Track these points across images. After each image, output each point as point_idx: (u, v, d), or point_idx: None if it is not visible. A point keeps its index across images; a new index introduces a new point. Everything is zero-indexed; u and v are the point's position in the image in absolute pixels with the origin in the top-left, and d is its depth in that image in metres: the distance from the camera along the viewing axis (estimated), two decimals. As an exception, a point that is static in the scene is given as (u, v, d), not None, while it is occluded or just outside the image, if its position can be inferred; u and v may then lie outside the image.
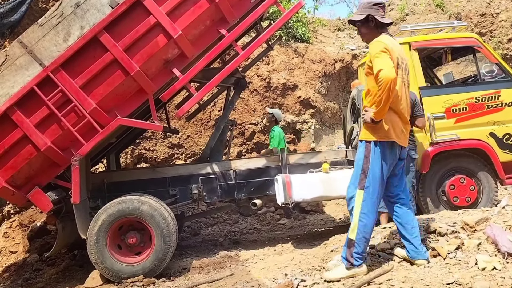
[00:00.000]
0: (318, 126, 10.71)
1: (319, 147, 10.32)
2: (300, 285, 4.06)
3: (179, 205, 6.15)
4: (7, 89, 5.09)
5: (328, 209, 9.11)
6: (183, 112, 5.98)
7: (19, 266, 6.83)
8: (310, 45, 11.67)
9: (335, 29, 14.18)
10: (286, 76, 10.48)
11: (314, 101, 10.61)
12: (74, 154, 5.28)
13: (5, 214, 7.74)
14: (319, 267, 4.52)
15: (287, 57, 10.86)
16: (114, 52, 5.20)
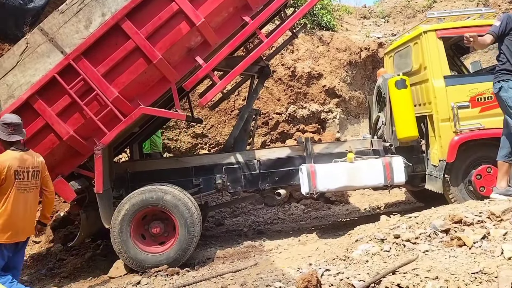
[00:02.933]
0: (343, 116, 10.50)
1: (344, 137, 10.12)
2: (325, 275, 3.96)
3: (203, 195, 6.08)
4: (28, 77, 5.08)
5: (353, 199, 8.94)
6: (206, 101, 5.89)
7: (43, 255, 6.90)
8: (335, 33, 11.42)
9: (360, 17, 13.86)
10: (311, 65, 10.27)
11: (339, 90, 10.38)
12: (97, 143, 5.26)
13: (31, 203, 7.82)
14: (343, 257, 4.41)
15: (312, 45, 10.64)
16: (136, 40, 5.13)
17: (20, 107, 5.00)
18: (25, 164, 4.19)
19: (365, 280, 3.62)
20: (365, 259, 4.19)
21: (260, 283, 4.24)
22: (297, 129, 9.96)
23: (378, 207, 8.29)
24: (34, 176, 4.25)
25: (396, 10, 13.84)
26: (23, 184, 4.15)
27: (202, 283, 4.68)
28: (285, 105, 9.94)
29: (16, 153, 4.20)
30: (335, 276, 3.86)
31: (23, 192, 4.16)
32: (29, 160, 4.25)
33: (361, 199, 8.88)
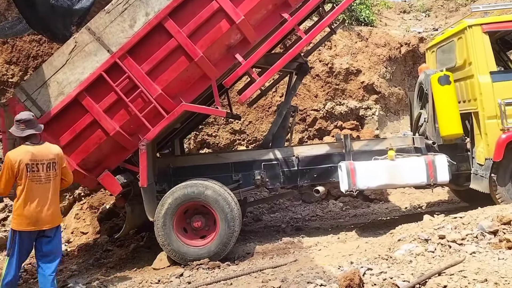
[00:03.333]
0: (383, 112, 10.35)
1: (383, 134, 9.97)
2: (367, 274, 3.95)
3: (242, 190, 6.15)
4: (77, 75, 5.28)
5: (393, 198, 8.80)
6: (245, 97, 5.98)
7: (90, 246, 7.18)
8: (374, 29, 11.25)
9: (400, 11, 13.59)
10: (349, 61, 10.18)
11: (379, 87, 10.24)
12: (141, 138, 5.42)
13: (76, 196, 8.14)
14: (385, 256, 4.39)
15: (350, 41, 10.54)
16: (178, 38, 5.25)
17: (69, 103, 5.23)
18: (38, 157, 4.33)
19: (410, 281, 3.59)
20: (409, 259, 4.15)
21: (301, 279, 4.28)
22: (334, 126, 9.89)
23: (419, 206, 8.14)
24: (49, 168, 4.38)
25: (438, 4, 13.49)
26: (37, 176, 4.30)
27: (243, 277, 4.76)
28: (322, 101, 9.89)
29: (29, 147, 4.36)
30: (378, 276, 3.85)
31: (38, 183, 4.31)
32: (43, 153, 4.38)
33: (401, 197, 8.73)
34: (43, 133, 5.13)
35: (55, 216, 4.45)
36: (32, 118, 4.48)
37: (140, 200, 5.67)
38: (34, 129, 4.40)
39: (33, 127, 4.42)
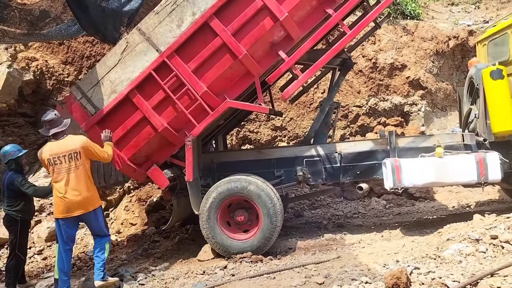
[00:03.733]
0: (429, 108, 10.10)
1: (429, 131, 9.74)
2: (414, 273, 3.93)
3: (284, 186, 6.22)
4: (128, 74, 5.53)
5: (440, 196, 8.59)
6: (288, 94, 6.03)
7: (139, 237, 7.48)
8: (421, 22, 10.98)
9: (448, 4, 13.15)
10: (394, 56, 10.00)
11: (425, 82, 10.00)
12: (187, 134, 5.60)
13: (126, 189, 8.50)
14: (433, 256, 4.33)
15: (395, 35, 10.34)
16: (223, 37, 5.38)
17: (121, 101, 5.48)
18: (58, 151, 4.75)
19: (460, 281, 3.53)
20: (458, 259, 4.09)
21: (345, 276, 4.30)
22: (378, 122, 9.77)
23: (468, 205, 7.91)
24: (71, 159, 4.75)
25: (489, -5, 12.96)
26: (61, 168, 4.74)
27: (285, 272, 4.84)
28: (365, 97, 9.78)
29: (51, 144, 4.83)
30: (426, 275, 3.82)
31: (63, 174, 4.74)
32: (62, 146, 4.78)
33: (448, 196, 8.51)
34: (96, 128, 5.46)
35: (87, 202, 4.81)
36: (54, 118, 4.91)
37: (185, 194, 5.88)
38: (58, 128, 4.86)
39: (56, 126, 4.89)
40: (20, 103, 8.15)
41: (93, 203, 4.91)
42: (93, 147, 4.99)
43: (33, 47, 8.37)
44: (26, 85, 8.10)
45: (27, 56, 8.23)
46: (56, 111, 5.11)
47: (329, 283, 4.24)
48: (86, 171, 4.87)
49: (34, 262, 6.99)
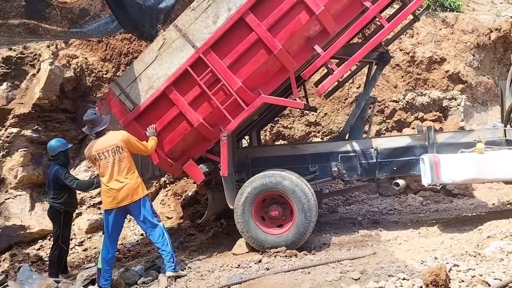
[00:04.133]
0: (469, 103, 9.79)
1: (469, 126, 9.44)
2: (453, 270, 3.84)
3: (319, 182, 6.20)
4: (165, 70, 5.63)
5: (479, 193, 8.34)
6: (323, 89, 5.98)
7: (175, 230, 7.62)
8: (461, 14, 10.63)
9: (490, -5, 12.68)
10: (433, 49, 9.74)
11: (465, 76, 9.70)
12: (223, 130, 5.66)
13: (162, 184, 8.67)
14: (473, 253, 4.22)
15: (433, 28, 10.07)
16: (258, 32, 5.39)
17: (158, 97, 5.59)
18: (101, 147, 5.04)
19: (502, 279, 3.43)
20: (500, 257, 3.98)
21: (381, 272, 4.25)
22: (415, 117, 9.55)
23: (508, 202, 7.63)
24: (114, 153, 5.02)
25: (534, -15, 12.40)
26: (106, 162, 5.02)
27: (320, 267, 4.83)
28: (402, 92, 9.58)
29: (94, 141, 5.14)
30: (465, 272, 3.74)
31: (108, 168, 5.01)
32: (104, 142, 5.06)
33: (488, 193, 8.26)
34: (135, 124, 5.60)
35: (132, 192, 5.04)
36: (94, 117, 5.18)
37: (220, 188, 5.95)
38: (99, 126, 5.16)
39: (98, 125, 5.18)
40: (61, 99, 8.42)
41: (138, 193, 5.12)
42: (133, 140, 5.21)
43: (74, 45, 8.63)
44: (67, 82, 8.36)
45: (68, 54, 8.51)
46: (96, 110, 5.36)
47: (365, 279, 4.20)
48: (129, 163, 5.12)
49: (76, 253, 7.26)
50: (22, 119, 7.96)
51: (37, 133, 8.02)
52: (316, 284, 4.23)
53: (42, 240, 7.63)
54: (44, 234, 7.64)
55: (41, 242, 7.59)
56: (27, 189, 7.95)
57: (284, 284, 4.35)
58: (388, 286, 3.83)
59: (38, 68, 8.21)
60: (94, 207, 8.26)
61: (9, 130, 7.91)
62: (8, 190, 7.87)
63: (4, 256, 7.21)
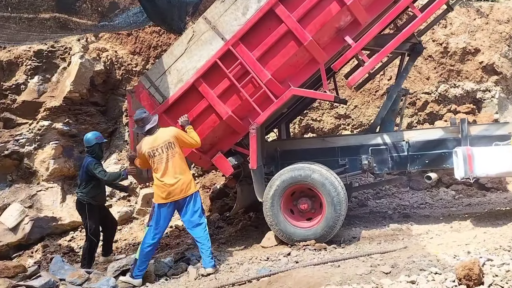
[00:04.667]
0: (504, 95, 9.47)
1: (503, 118, 9.14)
2: (487, 264, 3.74)
3: (349, 175, 6.12)
4: (194, 63, 5.64)
5: (513, 187, 8.11)
6: (354, 81, 5.90)
7: (204, 223, 7.67)
8: (496, 4, 10.26)
9: (527, -18, 12.20)
10: (466, 40, 9.45)
11: (500, 67, 9.38)
12: (252, 123, 5.64)
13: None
14: (508, 248, 4.11)
15: (467, 18, 9.76)
16: (288, 23, 5.34)
17: (187, 90, 5.61)
18: (155, 144, 5.13)
19: (537, 274, 3.33)
20: (535, 251, 3.85)
21: (413, 266, 4.19)
22: (448, 109, 9.31)
23: (544, 196, 7.41)
24: (167, 148, 5.11)
25: None
26: (160, 158, 5.10)
27: (350, 260, 4.78)
28: (435, 84, 9.34)
29: (147, 138, 5.22)
30: (500, 267, 3.64)
31: (162, 163, 5.09)
32: (158, 139, 5.15)
33: (522, 186, 8.02)
34: (164, 116, 5.65)
35: (186, 186, 5.14)
36: (144, 116, 5.25)
37: (249, 181, 5.95)
38: (150, 124, 5.23)
39: (148, 123, 5.25)
40: (92, 92, 8.56)
41: (191, 188, 5.24)
42: (183, 135, 5.32)
43: (103, 38, 8.76)
44: (97, 75, 8.49)
45: (98, 47, 8.64)
46: (145, 109, 5.47)
47: (396, 273, 4.13)
48: (181, 158, 5.23)
49: (107, 244, 7.37)
50: (53, 112, 8.13)
51: (68, 126, 8.19)
52: (346, 278, 4.18)
53: (73, 231, 7.80)
54: (75, 225, 7.80)
55: (72, 234, 7.75)
56: (58, 181, 8.13)
57: (313, 277, 4.31)
58: (420, 280, 3.76)
59: (68, 62, 8.36)
60: (124, 200, 8.39)
61: (40, 123, 8.11)
62: (40, 182, 8.07)
63: (36, 247, 7.38)
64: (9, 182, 8.02)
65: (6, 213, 7.47)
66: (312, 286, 4.08)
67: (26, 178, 8.11)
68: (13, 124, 8.20)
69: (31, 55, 8.25)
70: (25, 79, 8.23)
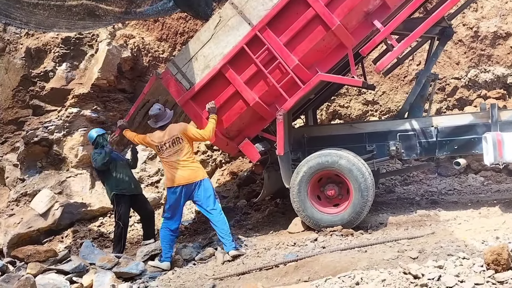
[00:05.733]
0: (536, 80, 9.18)
1: (535, 103, 8.88)
2: (515, 249, 3.68)
3: (376, 161, 6.08)
4: (221, 49, 5.64)
5: (544, 173, 7.90)
6: (382, 66, 5.83)
7: (231, 209, 7.69)
8: (530, -15, 9.90)
9: None
10: (498, 24, 9.15)
11: (532, 51, 9.08)
12: (278, 109, 5.64)
13: (218, 163, 8.81)
14: (537, 233, 4.02)
15: (499, 1, 9.43)
16: (316, 7, 5.28)
17: (214, 76, 5.63)
18: (164, 139, 5.40)
19: None
20: None
21: (440, 251, 4.17)
22: (478, 95, 9.08)
23: None
24: (175, 143, 5.37)
25: None
26: (167, 152, 5.38)
27: (377, 246, 4.78)
28: (465, 69, 9.10)
29: (158, 133, 5.49)
30: (527, 253, 3.58)
31: (170, 156, 5.38)
32: (167, 134, 5.41)
33: (553, 172, 7.80)
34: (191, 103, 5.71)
35: (191, 175, 5.37)
36: (158, 113, 5.50)
37: (276, 168, 5.97)
38: (163, 121, 5.50)
39: (160, 119, 5.51)
40: (119, 79, 8.64)
41: (198, 175, 5.42)
42: (191, 131, 5.48)
43: (130, 25, 8.82)
44: (124, 62, 8.55)
45: (125, 34, 8.71)
46: (160, 105, 5.63)
47: (424, 258, 4.13)
48: (189, 151, 5.43)
49: (135, 230, 7.53)
50: (81, 99, 8.23)
51: (96, 113, 8.30)
52: (373, 263, 4.20)
53: (103, 217, 7.97)
54: (104, 211, 7.96)
55: (102, 219, 7.92)
56: (87, 168, 8.25)
57: (340, 262, 4.35)
58: (447, 265, 3.75)
59: (96, 49, 8.45)
60: (152, 186, 8.53)
61: (69, 110, 8.22)
62: (69, 168, 8.23)
63: (66, 232, 7.58)
64: (39, 168, 8.21)
65: (37, 199, 7.66)
66: (339, 270, 4.11)
67: (56, 165, 8.29)
68: (42, 111, 8.37)
69: (59, 42, 8.37)
70: (53, 66, 8.37)
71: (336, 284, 3.81)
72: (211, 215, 5.40)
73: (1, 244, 7.22)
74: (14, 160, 8.22)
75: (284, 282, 4.32)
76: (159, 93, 6.17)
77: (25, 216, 7.52)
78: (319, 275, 4.18)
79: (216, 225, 5.36)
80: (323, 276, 4.10)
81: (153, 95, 6.15)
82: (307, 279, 4.22)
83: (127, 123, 6.01)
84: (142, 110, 6.30)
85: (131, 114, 6.21)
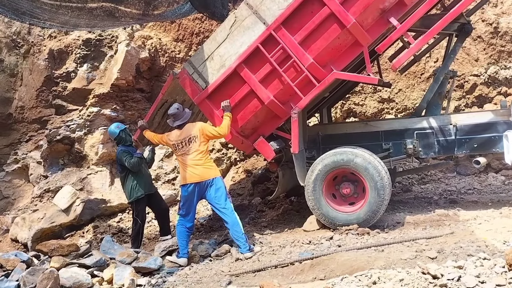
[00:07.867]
0: (558, 76, 8.96)
1: (558, 101, 8.66)
2: (538, 250, 3.60)
3: (393, 159, 6.03)
4: (236, 48, 5.68)
5: None
6: (399, 64, 5.77)
7: (245, 206, 7.79)
8: (552, -21, 9.66)
9: None
10: (518, 19, 8.96)
11: (554, 47, 8.86)
12: (293, 107, 5.65)
13: (233, 161, 8.86)
14: (560, 234, 3.93)
15: (520, -5, 9.25)
16: (331, 6, 5.27)
17: (230, 75, 5.67)
18: (180, 138, 5.47)
19: None
20: None
21: (460, 252, 4.12)
22: (498, 92, 8.90)
23: None
24: (191, 142, 5.43)
25: None
26: (183, 150, 5.45)
27: (394, 245, 4.74)
28: (484, 65, 8.93)
29: (175, 132, 5.57)
30: (551, 253, 3.50)
31: (185, 155, 5.44)
32: (183, 133, 5.48)
33: None
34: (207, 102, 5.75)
35: (204, 173, 5.42)
36: (176, 112, 5.55)
37: (291, 166, 5.99)
38: (180, 120, 5.54)
39: (178, 119, 5.56)
40: (137, 79, 8.81)
41: (211, 174, 5.46)
42: (208, 129, 5.53)
43: (148, 26, 8.95)
44: (142, 62, 8.71)
45: (142, 35, 8.85)
46: (179, 105, 5.69)
47: (443, 258, 4.07)
48: (203, 150, 5.47)
49: (152, 226, 7.64)
50: (101, 98, 8.46)
51: (116, 112, 8.51)
52: (391, 262, 4.16)
53: (122, 213, 8.12)
54: (123, 208, 8.11)
55: (121, 215, 8.08)
56: (107, 165, 8.48)
57: (357, 261, 4.32)
58: (467, 266, 3.69)
59: (115, 50, 8.63)
60: (169, 183, 8.64)
61: (90, 109, 8.48)
62: (90, 166, 8.46)
63: (87, 227, 7.77)
64: (61, 166, 8.48)
65: (59, 195, 7.86)
66: (356, 269, 4.09)
67: (77, 162, 8.53)
68: (64, 111, 8.63)
69: (80, 43, 8.59)
70: (75, 67, 8.61)
71: (352, 283, 3.79)
72: (223, 214, 5.43)
73: (26, 238, 7.42)
74: (38, 157, 8.46)
75: (299, 280, 4.32)
76: (176, 93, 6.24)
77: (48, 212, 7.71)
78: (335, 274, 4.16)
79: (229, 226, 5.40)
80: (339, 274, 4.09)
81: (171, 95, 6.22)
82: (323, 277, 4.22)
83: (147, 124, 6.10)
84: (161, 110, 6.38)
85: (151, 114, 6.29)
